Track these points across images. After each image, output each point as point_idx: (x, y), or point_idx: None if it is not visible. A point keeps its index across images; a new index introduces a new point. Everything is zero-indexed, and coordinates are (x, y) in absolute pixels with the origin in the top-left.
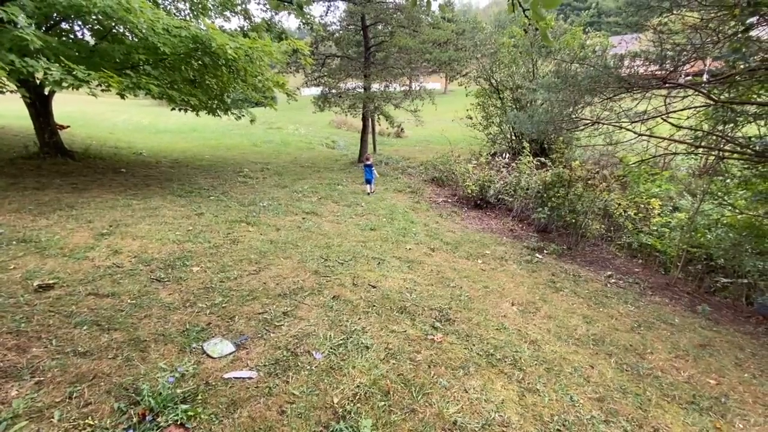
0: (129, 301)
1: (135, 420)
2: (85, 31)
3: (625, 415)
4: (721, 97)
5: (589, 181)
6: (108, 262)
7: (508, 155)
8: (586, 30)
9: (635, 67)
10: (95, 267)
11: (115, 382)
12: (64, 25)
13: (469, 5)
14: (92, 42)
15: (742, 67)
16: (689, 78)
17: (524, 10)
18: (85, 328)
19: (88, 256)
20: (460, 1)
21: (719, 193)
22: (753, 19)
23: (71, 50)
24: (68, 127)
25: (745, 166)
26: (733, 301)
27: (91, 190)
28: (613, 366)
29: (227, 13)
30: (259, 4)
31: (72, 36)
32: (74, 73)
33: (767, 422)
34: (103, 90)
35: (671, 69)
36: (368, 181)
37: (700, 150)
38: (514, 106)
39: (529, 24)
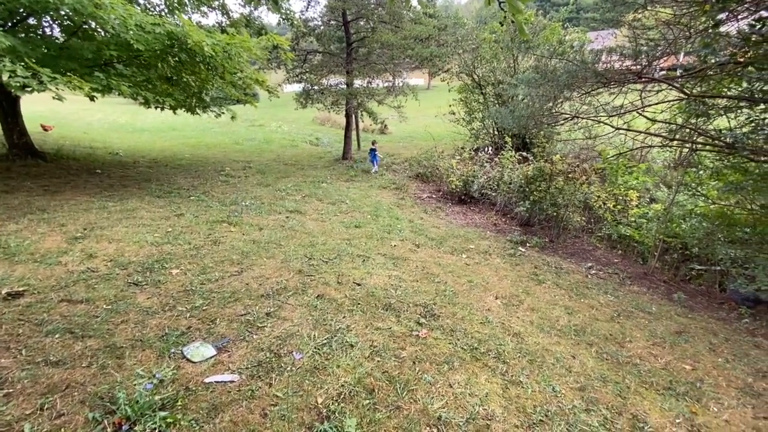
0: (104, 306)
1: (110, 430)
2: (55, 26)
3: (605, 403)
4: (694, 91)
5: (570, 175)
6: (82, 267)
7: (491, 150)
8: (565, 26)
9: (611, 62)
10: (68, 272)
11: (89, 392)
12: (31, 21)
13: (450, 1)
14: (62, 39)
15: (712, 61)
16: (663, 72)
17: (500, 3)
18: (57, 336)
19: (61, 261)
20: None
21: (693, 184)
22: (722, 15)
23: (39, 48)
24: (53, 128)
25: (717, 157)
26: (707, 289)
27: (63, 193)
28: (593, 355)
29: (204, 9)
30: None
31: (39, 33)
32: (40, 76)
33: (740, 405)
34: (73, 88)
35: (646, 64)
36: (372, 162)
37: (675, 143)
38: (496, 102)
39: (504, 17)
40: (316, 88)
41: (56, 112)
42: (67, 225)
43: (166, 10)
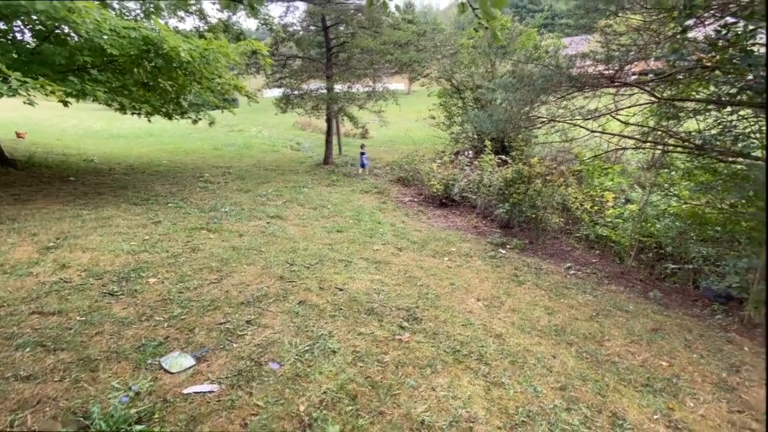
0: (78, 318)
1: None
2: (26, 31)
3: (585, 402)
4: (664, 94)
5: (548, 177)
6: (54, 278)
7: (470, 153)
8: (541, 31)
9: (585, 67)
10: (40, 283)
11: (62, 406)
12: (1, 26)
13: (429, 6)
14: (33, 44)
15: (681, 66)
16: (635, 77)
17: (474, 9)
18: (28, 349)
19: (32, 272)
20: (421, 2)
21: (665, 185)
22: (690, 21)
23: (9, 53)
24: (26, 134)
25: (688, 158)
26: (681, 287)
27: (35, 201)
28: (573, 355)
29: (181, 14)
30: (214, 4)
31: (10, 37)
32: (10, 81)
33: (715, 399)
34: (46, 94)
35: (618, 68)
36: (362, 165)
37: (647, 145)
38: (474, 106)
39: (480, 23)
40: (296, 92)
41: (29, 119)
42: (39, 234)
43: (142, 15)
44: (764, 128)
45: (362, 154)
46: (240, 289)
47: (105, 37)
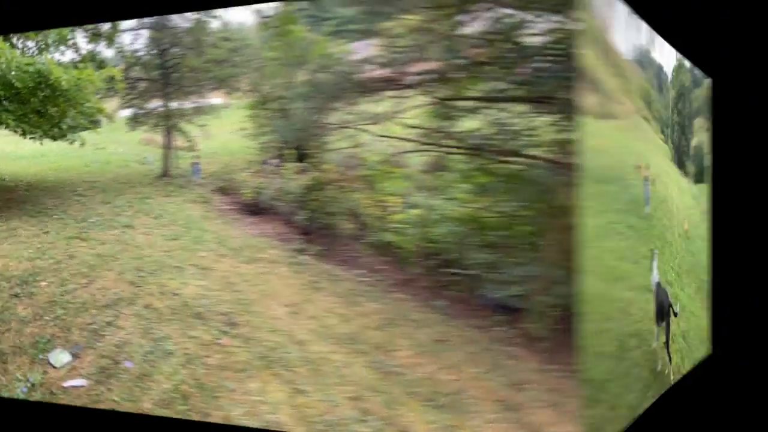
0: None
1: None
2: None
3: (376, 414)
4: (441, 94)
5: (339, 183)
6: None
7: (277, 162)
8: (331, 39)
9: (370, 72)
10: None
11: None
12: None
13: (243, 23)
14: None
15: (455, 64)
16: (415, 78)
17: (273, 27)
18: None
19: None
20: (236, 19)
21: (445, 188)
22: (463, 17)
23: None
24: None
25: (467, 160)
26: (465, 295)
27: None
28: (365, 364)
29: (62, 48)
30: (84, 37)
31: None
32: None
33: (498, 419)
34: None
35: (399, 71)
36: (194, 174)
37: (427, 147)
38: (278, 116)
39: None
40: (141, 111)
41: None
42: None
43: (37, 51)
44: (535, 124)
45: (195, 164)
46: (103, 293)
47: (13, 72)
